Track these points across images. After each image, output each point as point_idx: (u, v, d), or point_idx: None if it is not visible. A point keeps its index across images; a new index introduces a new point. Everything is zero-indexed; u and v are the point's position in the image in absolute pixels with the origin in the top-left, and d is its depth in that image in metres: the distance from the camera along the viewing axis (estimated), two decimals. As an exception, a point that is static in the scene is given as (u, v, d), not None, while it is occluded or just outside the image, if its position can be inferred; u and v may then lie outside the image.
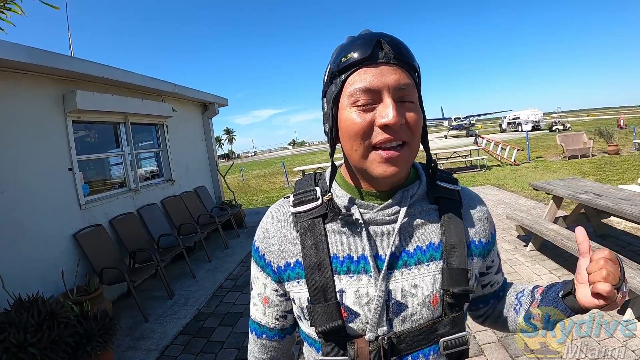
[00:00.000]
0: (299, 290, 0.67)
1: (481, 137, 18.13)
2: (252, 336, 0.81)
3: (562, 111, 37.58)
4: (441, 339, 0.64)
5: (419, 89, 0.65)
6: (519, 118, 35.08)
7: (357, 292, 0.64)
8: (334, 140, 0.66)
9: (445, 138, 39.14)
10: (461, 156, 13.79)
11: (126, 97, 4.88)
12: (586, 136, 12.64)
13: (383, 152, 0.58)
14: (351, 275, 0.64)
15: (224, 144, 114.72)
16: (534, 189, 4.71)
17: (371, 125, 0.58)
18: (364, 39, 0.60)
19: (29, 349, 2.16)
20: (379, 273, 0.63)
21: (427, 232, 0.67)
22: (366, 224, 0.66)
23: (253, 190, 14.77)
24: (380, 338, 0.63)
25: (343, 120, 0.61)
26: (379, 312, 0.62)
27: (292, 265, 0.68)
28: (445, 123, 45.66)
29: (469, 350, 0.71)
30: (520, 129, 32.44)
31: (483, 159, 12.59)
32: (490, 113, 52.80)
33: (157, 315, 3.71)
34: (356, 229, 0.66)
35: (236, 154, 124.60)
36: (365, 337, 0.63)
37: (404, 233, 0.66)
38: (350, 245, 0.66)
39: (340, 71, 0.61)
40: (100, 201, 4.34)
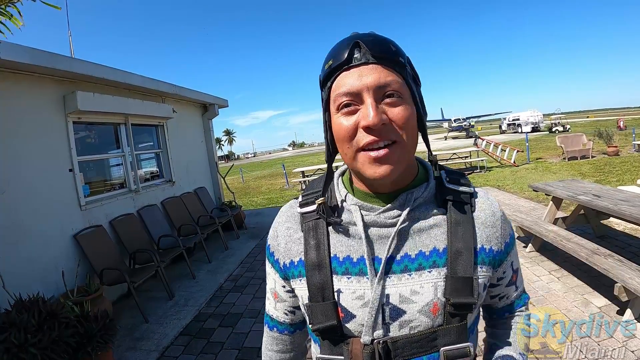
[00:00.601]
0: (301, 288, 0.69)
1: (481, 139, 18.13)
2: (266, 328, 0.84)
3: (562, 112, 37.63)
4: (442, 349, 0.62)
5: (417, 83, 0.64)
6: (518, 119, 35.11)
7: (354, 294, 0.64)
8: (330, 146, 0.67)
9: (445, 139, 39.16)
10: (461, 157, 13.78)
11: (127, 98, 4.90)
12: (586, 137, 12.66)
13: (371, 153, 0.58)
14: (349, 276, 0.65)
15: (223, 145, 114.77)
16: (534, 190, 4.72)
17: (356, 128, 0.58)
18: (341, 44, 0.60)
19: (29, 349, 2.16)
20: (376, 276, 0.63)
21: (432, 237, 0.64)
22: (366, 226, 0.65)
23: (253, 191, 14.77)
24: (376, 342, 0.62)
25: (333, 126, 0.63)
26: (373, 315, 0.62)
27: (296, 263, 0.70)
28: (445, 124, 45.67)
29: (475, 358, 0.69)
30: (520, 130, 32.47)
31: (483, 160, 12.59)
32: (490, 114, 52.79)
33: (157, 316, 3.71)
34: (357, 230, 0.66)
35: (236, 155, 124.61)
36: (361, 340, 0.63)
37: (405, 237, 0.65)
38: (350, 246, 0.66)
39: (326, 78, 0.63)
40: (101, 202, 4.34)
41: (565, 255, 3.65)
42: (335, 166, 0.75)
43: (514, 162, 12.42)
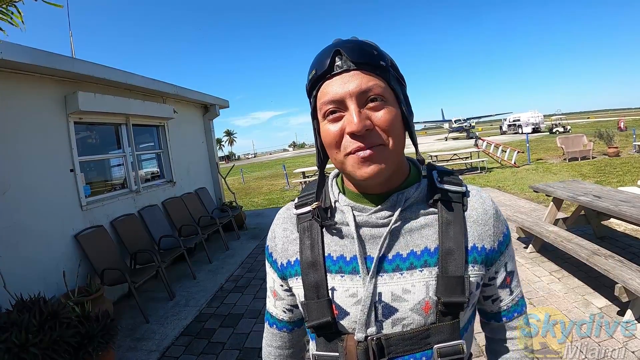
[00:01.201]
0: (298, 287, 0.71)
1: (481, 139, 18.13)
2: (266, 325, 0.87)
3: (563, 113, 37.67)
4: (435, 346, 0.62)
5: (402, 84, 0.65)
6: (519, 120, 35.13)
7: (347, 292, 0.66)
8: (320, 152, 0.69)
9: (446, 140, 39.15)
10: (461, 158, 13.79)
11: (127, 99, 4.91)
12: (586, 138, 12.67)
13: (359, 153, 0.59)
14: (342, 274, 0.67)
15: (224, 146, 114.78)
16: (534, 191, 4.72)
17: (342, 134, 0.60)
18: (323, 53, 0.62)
19: (30, 349, 2.17)
20: (368, 274, 0.64)
21: (424, 237, 0.66)
22: (358, 226, 0.67)
23: (253, 192, 14.78)
24: (369, 338, 0.63)
25: (321, 133, 0.65)
26: (366, 313, 0.63)
27: (293, 263, 0.73)
28: (446, 125, 45.68)
29: (471, 357, 0.70)
30: (520, 131, 32.49)
31: (483, 161, 12.59)
32: (491, 115, 52.81)
33: (158, 316, 3.72)
34: (350, 230, 0.68)
35: (236, 156, 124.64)
36: (355, 337, 0.64)
37: (397, 236, 0.66)
38: (344, 246, 0.68)
39: (311, 87, 0.64)
40: (102, 202, 4.35)
41: (566, 256, 3.65)
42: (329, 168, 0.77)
43: (515, 163, 12.42)
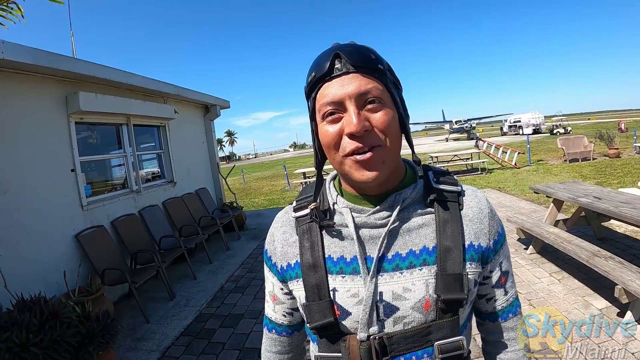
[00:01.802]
0: (299, 289, 0.72)
1: (482, 140, 18.11)
2: (265, 330, 0.87)
3: (563, 114, 37.63)
4: (436, 343, 0.64)
5: (398, 87, 0.67)
6: (520, 121, 35.12)
7: (349, 292, 0.66)
8: (318, 153, 0.70)
9: (447, 141, 39.17)
10: (462, 159, 13.78)
11: (128, 99, 4.92)
12: (587, 139, 12.65)
13: (357, 156, 0.60)
14: (343, 275, 0.67)
15: (225, 146, 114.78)
16: (535, 192, 4.72)
17: (341, 135, 0.61)
18: (322, 56, 0.63)
19: (31, 349, 2.17)
20: (368, 274, 0.65)
21: (422, 236, 0.67)
22: (357, 227, 0.68)
23: (254, 192, 14.78)
24: (372, 338, 0.64)
25: (319, 134, 0.65)
26: (368, 312, 0.64)
27: (293, 265, 0.73)
28: (447, 126, 45.68)
29: (469, 355, 0.70)
30: (521, 132, 32.47)
31: (484, 162, 12.59)
32: (492, 116, 52.83)
33: (159, 317, 3.72)
34: (349, 232, 0.68)
35: (237, 156, 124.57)
36: (357, 336, 0.65)
37: (395, 236, 0.67)
38: (343, 247, 0.69)
39: (310, 89, 0.65)
40: (102, 202, 4.36)
41: (566, 257, 3.65)
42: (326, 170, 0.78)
43: (515, 164, 12.41)
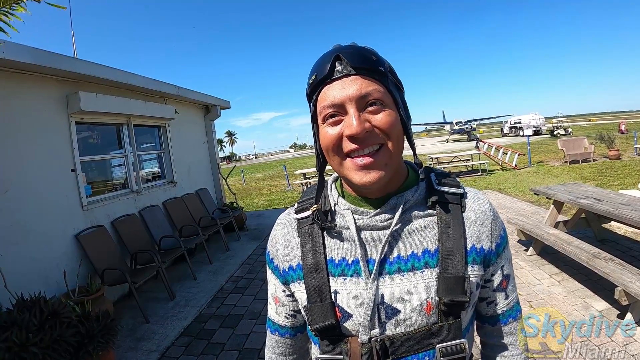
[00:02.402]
0: (300, 291, 0.71)
1: (482, 142, 18.11)
2: (268, 332, 0.86)
3: (564, 116, 37.63)
4: (437, 346, 0.63)
5: (400, 89, 0.67)
6: (520, 122, 35.13)
7: (350, 294, 0.66)
8: (319, 156, 0.70)
9: (447, 142, 39.18)
10: (462, 160, 13.78)
11: (129, 99, 4.92)
12: (587, 141, 12.65)
13: (357, 159, 0.60)
14: (345, 277, 0.67)
15: (225, 146, 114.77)
16: (535, 193, 4.72)
17: (341, 137, 0.61)
18: (323, 58, 0.63)
19: (31, 349, 2.17)
20: (370, 277, 0.65)
21: (424, 239, 0.66)
22: (359, 229, 0.68)
23: (254, 192, 14.79)
24: (373, 340, 0.63)
25: (320, 136, 0.65)
26: (369, 315, 0.63)
27: (295, 267, 0.73)
28: (447, 127, 45.71)
29: (472, 358, 0.70)
30: (521, 134, 32.48)
31: (484, 163, 12.60)
32: (492, 117, 52.85)
33: (158, 317, 3.72)
34: (350, 234, 0.68)
35: (237, 157, 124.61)
36: (359, 339, 0.64)
37: (397, 239, 0.67)
38: (345, 249, 0.69)
39: (311, 92, 0.65)
40: (103, 202, 4.36)
41: (566, 258, 3.65)
42: (328, 172, 0.78)
43: (516, 165, 12.42)
